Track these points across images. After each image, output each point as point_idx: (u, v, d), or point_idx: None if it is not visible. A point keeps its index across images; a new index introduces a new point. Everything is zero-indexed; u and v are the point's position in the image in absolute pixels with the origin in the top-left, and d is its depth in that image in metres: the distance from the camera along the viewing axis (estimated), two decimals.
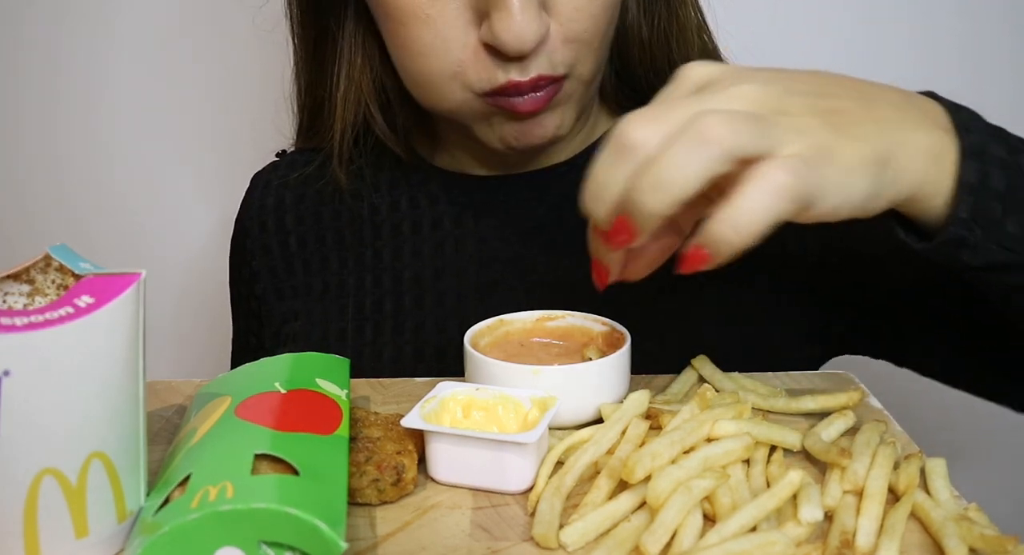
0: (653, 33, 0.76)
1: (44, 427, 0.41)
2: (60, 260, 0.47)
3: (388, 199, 0.81)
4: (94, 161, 1.16)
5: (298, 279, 0.80)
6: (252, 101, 1.09)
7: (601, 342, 0.61)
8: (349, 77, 0.75)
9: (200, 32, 1.11)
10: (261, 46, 0.90)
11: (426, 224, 0.79)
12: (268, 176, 0.86)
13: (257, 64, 1.07)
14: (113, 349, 0.43)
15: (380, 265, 0.79)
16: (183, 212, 1.17)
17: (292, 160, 0.86)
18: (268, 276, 0.82)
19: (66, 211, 1.17)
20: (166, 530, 0.40)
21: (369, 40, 0.74)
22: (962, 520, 0.45)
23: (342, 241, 0.80)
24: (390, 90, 0.77)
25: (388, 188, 0.81)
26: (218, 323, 0.99)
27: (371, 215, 0.80)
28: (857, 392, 0.58)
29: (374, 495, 0.49)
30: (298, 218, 0.82)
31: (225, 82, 1.12)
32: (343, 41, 0.75)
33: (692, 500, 0.45)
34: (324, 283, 0.79)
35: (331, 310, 0.78)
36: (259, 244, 0.83)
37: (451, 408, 0.53)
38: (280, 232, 0.82)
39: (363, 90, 0.76)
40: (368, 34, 0.74)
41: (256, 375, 0.55)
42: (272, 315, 0.81)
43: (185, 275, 1.18)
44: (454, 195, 0.79)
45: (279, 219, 0.82)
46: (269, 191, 0.84)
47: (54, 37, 1.11)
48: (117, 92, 1.13)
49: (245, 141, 1.05)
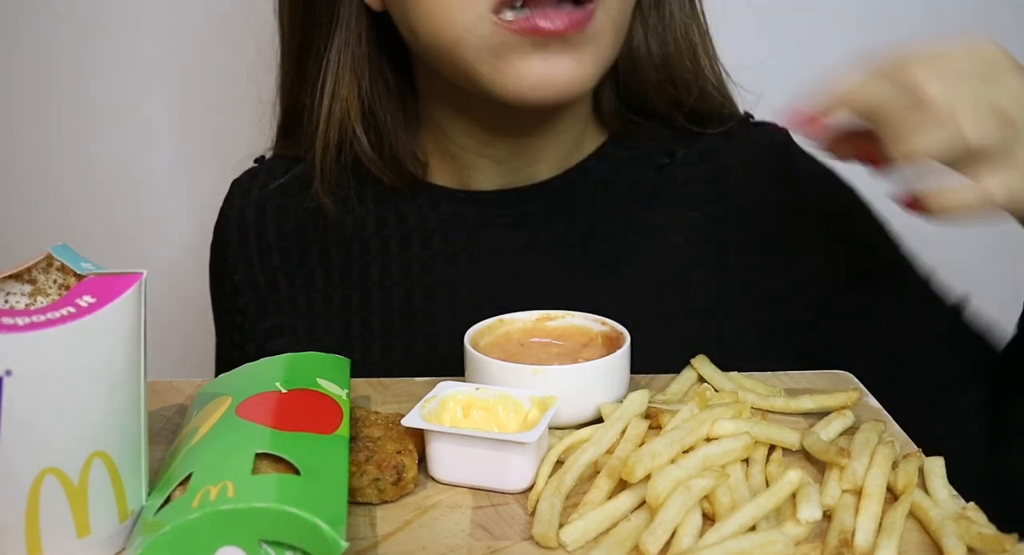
0: (668, 48, 0.75)
1: (46, 427, 0.41)
2: (62, 260, 0.47)
3: (375, 214, 0.78)
4: (91, 161, 1.16)
5: (282, 294, 0.78)
6: (245, 99, 1.09)
7: (601, 342, 0.61)
8: (334, 93, 0.72)
9: (193, 32, 1.11)
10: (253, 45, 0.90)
11: (415, 240, 0.77)
12: (247, 184, 0.82)
13: (248, 63, 1.07)
14: (114, 349, 0.43)
15: (367, 282, 0.76)
16: (183, 211, 1.17)
17: (271, 167, 0.82)
18: (251, 291, 0.79)
19: (62, 211, 1.17)
20: (167, 529, 0.40)
21: (361, 58, 0.72)
22: (960, 519, 0.45)
23: (327, 256, 0.78)
24: (379, 110, 0.74)
25: (374, 203, 0.78)
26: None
27: (357, 230, 0.78)
28: (856, 392, 0.58)
29: (374, 494, 0.49)
30: (281, 232, 0.79)
31: (218, 81, 1.12)
32: (331, 54, 0.72)
33: (691, 499, 0.45)
34: (308, 299, 0.77)
35: (316, 327, 0.76)
36: (241, 257, 0.80)
37: (451, 408, 0.54)
38: (262, 245, 0.79)
39: (348, 108, 0.73)
40: (360, 51, 0.72)
41: (257, 375, 0.56)
42: (256, 330, 0.79)
43: (186, 274, 1.18)
44: (444, 210, 0.77)
45: (260, 231, 0.79)
46: (248, 201, 0.81)
47: (46, 38, 1.11)
48: (112, 92, 1.13)
49: (239, 137, 1.05)
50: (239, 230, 0.80)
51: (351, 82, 0.72)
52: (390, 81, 0.75)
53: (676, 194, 0.77)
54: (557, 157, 0.76)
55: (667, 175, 0.78)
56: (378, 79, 0.74)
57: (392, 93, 0.75)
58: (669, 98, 0.77)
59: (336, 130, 0.73)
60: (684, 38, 0.75)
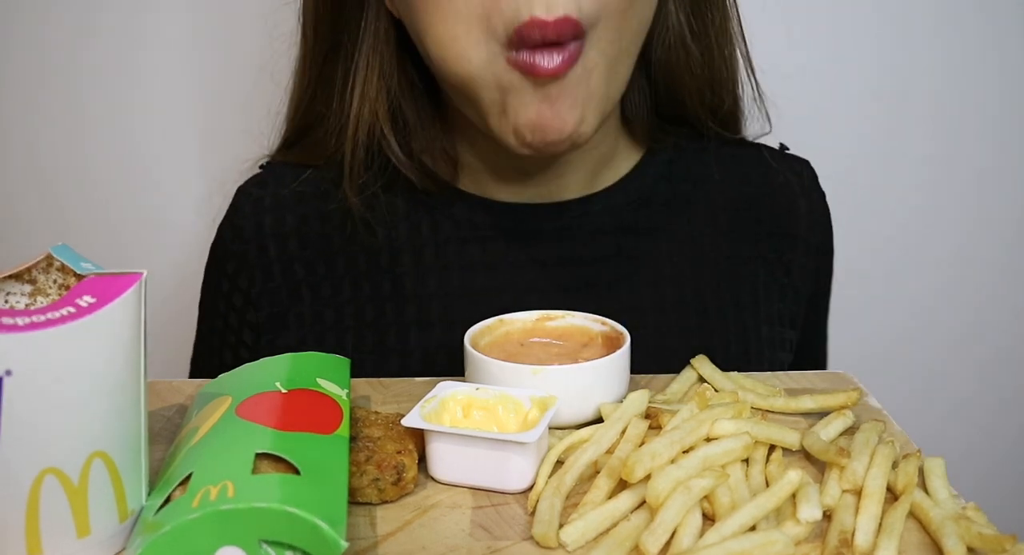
0: (706, 52, 0.75)
1: (46, 427, 0.41)
2: (62, 260, 0.47)
3: (406, 224, 0.76)
4: (86, 161, 1.16)
5: (305, 307, 0.75)
6: (247, 101, 1.09)
7: (601, 342, 0.62)
8: (363, 96, 0.72)
9: (198, 33, 1.11)
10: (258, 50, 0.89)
11: (452, 250, 0.75)
12: (256, 191, 0.79)
13: (253, 67, 1.07)
14: (114, 349, 0.43)
15: (401, 294, 0.74)
16: (184, 211, 1.17)
17: (280, 174, 0.79)
18: (268, 304, 0.76)
19: (59, 211, 1.17)
20: (167, 529, 0.40)
21: (388, 59, 0.72)
22: (960, 519, 0.45)
23: (356, 268, 0.75)
24: (408, 109, 0.74)
25: (405, 212, 0.76)
26: None
27: (388, 241, 0.75)
28: (856, 391, 0.58)
29: (374, 494, 0.49)
30: (302, 242, 0.76)
31: (216, 81, 1.12)
32: (359, 58, 0.72)
33: (691, 499, 0.45)
34: (337, 312, 0.75)
35: (346, 341, 0.74)
36: (259, 269, 0.76)
37: (451, 408, 0.54)
38: (283, 257, 0.76)
39: (377, 110, 0.72)
40: (387, 53, 0.72)
41: (257, 375, 0.56)
42: (275, 344, 0.75)
43: (186, 274, 1.18)
44: (480, 220, 0.76)
45: (281, 242, 0.76)
46: (263, 210, 0.77)
47: (42, 38, 1.11)
48: (106, 92, 1.13)
49: (237, 137, 1.05)
50: (257, 240, 0.77)
51: (379, 83, 0.72)
52: (416, 82, 0.75)
53: (708, 212, 0.78)
54: (586, 170, 0.76)
55: (703, 193, 0.79)
56: (404, 80, 0.73)
57: (419, 93, 0.75)
58: (707, 103, 0.77)
59: (365, 132, 0.72)
60: (724, 43, 0.75)
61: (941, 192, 1.11)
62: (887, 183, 1.10)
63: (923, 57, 1.06)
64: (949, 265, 1.13)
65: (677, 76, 0.75)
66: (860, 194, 1.07)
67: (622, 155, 0.79)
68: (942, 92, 1.07)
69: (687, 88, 0.76)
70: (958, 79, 1.07)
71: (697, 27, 0.74)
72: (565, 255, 0.75)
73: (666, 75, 0.75)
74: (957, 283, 1.14)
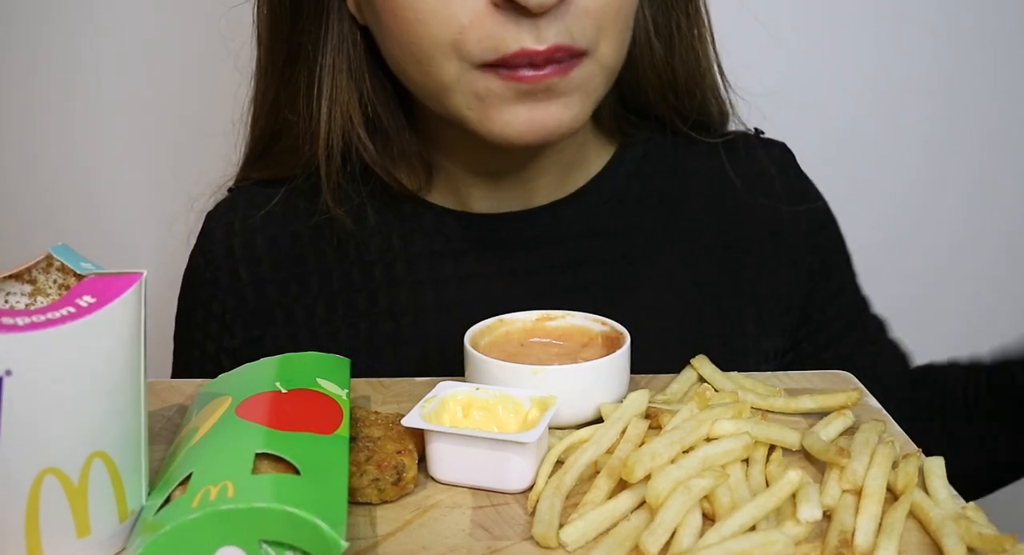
0: (671, 51, 0.74)
1: (46, 427, 0.41)
2: (62, 260, 0.47)
3: (379, 238, 0.74)
4: (81, 163, 1.16)
5: (279, 329, 0.74)
6: (237, 100, 1.09)
7: (601, 342, 0.62)
8: (333, 99, 0.69)
9: (181, 34, 1.10)
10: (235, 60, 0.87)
11: (424, 265, 0.74)
12: (227, 216, 0.77)
13: (237, 67, 1.06)
14: (114, 349, 0.43)
15: (375, 311, 0.73)
16: (184, 211, 1.17)
17: (250, 196, 0.77)
18: (243, 329, 0.75)
19: (54, 212, 1.17)
20: (167, 529, 0.40)
21: (356, 61, 0.69)
22: (960, 519, 0.45)
23: (329, 287, 0.74)
24: (381, 113, 0.71)
25: (377, 226, 0.74)
26: None
27: (359, 255, 0.74)
28: (856, 392, 0.58)
29: (374, 494, 0.49)
30: (275, 264, 0.75)
31: (214, 81, 1.12)
32: (323, 59, 0.69)
33: (691, 499, 0.45)
34: (312, 332, 0.74)
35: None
36: (232, 294, 0.75)
37: (451, 408, 0.54)
38: (256, 281, 0.75)
39: (350, 112, 0.69)
40: (355, 54, 0.69)
41: (257, 375, 0.56)
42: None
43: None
44: (452, 232, 0.74)
45: (252, 266, 0.75)
46: (233, 234, 0.76)
47: (34, 39, 1.11)
48: (100, 93, 1.13)
49: (228, 140, 1.05)
50: (228, 266, 0.76)
51: (349, 86, 0.69)
52: (388, 85, 0.72)
53: (686, 206, 0.77)
54: (558, 172, 0.75)
55: (678, 187, 0.78)
56: (376, 82, 0.71)
57: (392, 96, 0.73)
58: (670, 102, 0.76)
59: (339, 136, 0.70)
60: (689, 45, 0.74)
61: (938, 193, 1.11)
62: (881, 184, 1.10)
63: (922, 57, 1.06)
64: (949, 265, 1.13)
65: (640, 71, 0.74)
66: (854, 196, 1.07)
67: (594, 153, 0.77)
68: (937, 92, 1.07)
69: (650, 84, 0.75)
70: (958, 79, 1.07)
71: (662, 24, 0.73)
72: (540, 264, 0.74)
73: (628, 70, 0.71)
74: (957, 283, 1.14)
